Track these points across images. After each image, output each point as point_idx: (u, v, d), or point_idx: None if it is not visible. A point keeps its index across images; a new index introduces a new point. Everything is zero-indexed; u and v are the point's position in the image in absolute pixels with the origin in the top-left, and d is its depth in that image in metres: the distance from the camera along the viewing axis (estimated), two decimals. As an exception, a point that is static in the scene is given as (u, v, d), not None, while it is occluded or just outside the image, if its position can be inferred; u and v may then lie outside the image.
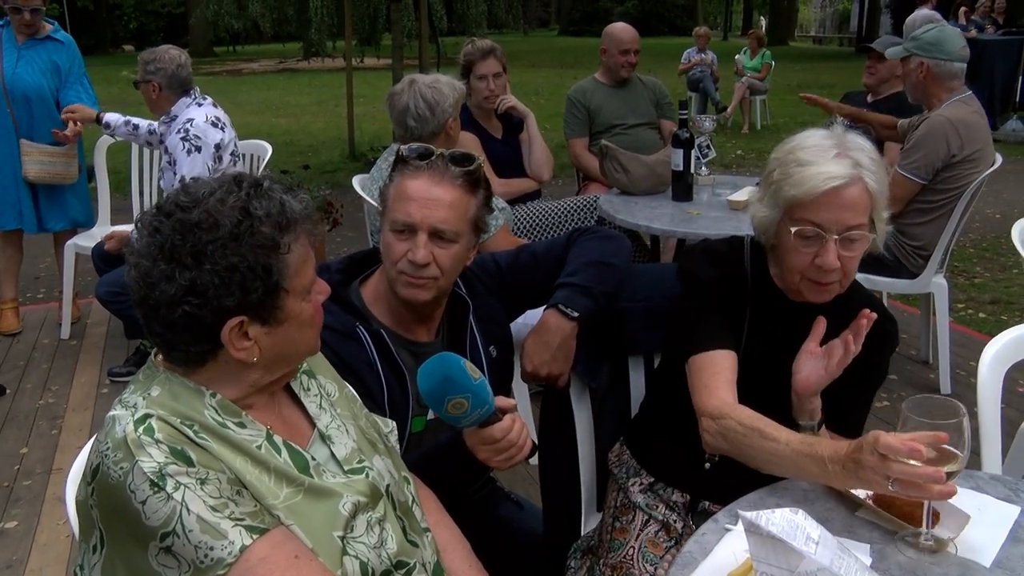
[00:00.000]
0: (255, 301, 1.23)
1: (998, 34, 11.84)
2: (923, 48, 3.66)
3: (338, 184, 8.01)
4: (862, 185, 1.66)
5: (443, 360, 1.49)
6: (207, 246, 1.19)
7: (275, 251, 1.24)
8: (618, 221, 3.51)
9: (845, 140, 1.71)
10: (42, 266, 5.98)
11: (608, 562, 1.85)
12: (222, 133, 3.86)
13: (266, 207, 1.24)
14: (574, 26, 41.01)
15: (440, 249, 1.76)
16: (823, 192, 1.66)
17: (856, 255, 1.70)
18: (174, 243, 1.20)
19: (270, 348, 1.28)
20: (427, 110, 3.10)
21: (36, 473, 3.43)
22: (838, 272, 1.70)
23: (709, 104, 12.60)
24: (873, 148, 1.72)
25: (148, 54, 3.93)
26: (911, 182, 3.61)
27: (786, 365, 1.71)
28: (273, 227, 1.24)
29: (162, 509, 1.13)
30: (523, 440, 1.60)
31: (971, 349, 4.37)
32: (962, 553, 1.39)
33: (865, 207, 1.67)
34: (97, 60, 19.19)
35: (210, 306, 1.20)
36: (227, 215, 1.21)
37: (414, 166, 1.78)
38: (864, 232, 1.68)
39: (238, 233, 1.21)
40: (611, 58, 4.69)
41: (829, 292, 1.74)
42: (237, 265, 1.20)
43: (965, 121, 3.59)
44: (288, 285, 1.26)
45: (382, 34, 15.79)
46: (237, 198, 1.23)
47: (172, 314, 1.20)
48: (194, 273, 1.19)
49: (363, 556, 1.30)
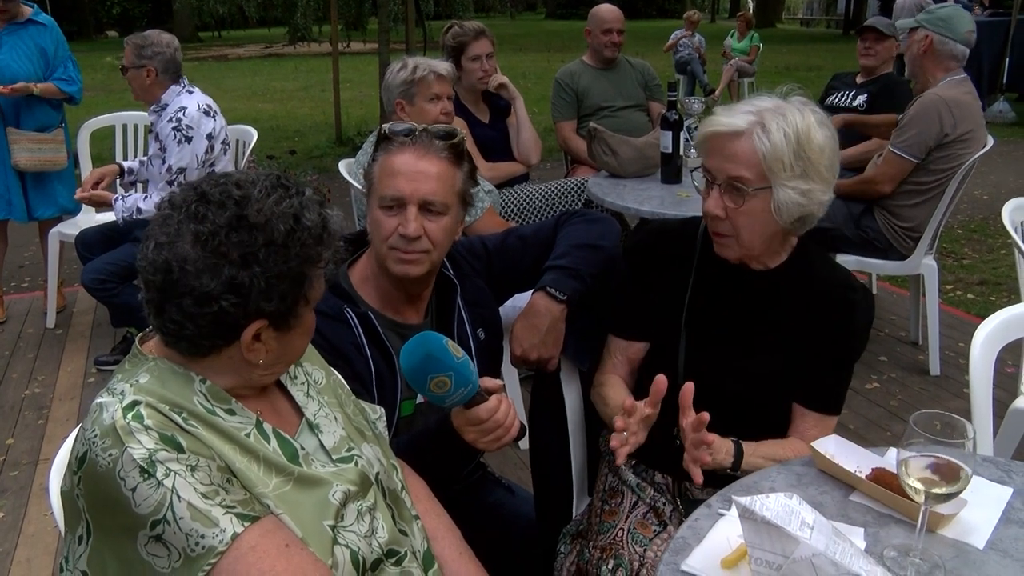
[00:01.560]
0: (284, 309, 1.23)
1: (985, 15, 11.83)
2: (932, 22, 3.64)
3: (325, 169, 7.97)
4: (748, 140, 1.67)
5: (425, 338, 1.48)
6: (260, 249, 1.18)
7: (316, 264, 1.24)
8: (607, 204, 3.49)
9: (774, 104, 1.70)
10: (26, 255, 5.92)
11: (598, 544, 1.84)
12: (214, 121, 3.82)
13: (313, 219, 1.23)
14: (561, 9, 40.87)
15: (430, 222, 1.75)
16: (706, 137, 1.73)
17: (742, 211, 1.70)
18: (228, 239, 1.17)
19: (275, 351, 1.28)
20: (383, 90, 3.27)
21: (23, 463, 3.40)
22: (727, 225, 1.73)
23: (697, 86, 12.57)
24: (805, 122, 1.67)
25: (139, 39, 3.83)
26: (904, 160, 3.61)
27: (730, 331, 1.81)
28: (316, 240, 1.24)
29: (152, 496, 1.11)
30: (510, 421, 1.59)
31: (960, 330, 4.39)
32: (956, 535, 1.38)
33: (749, 162, 1.67)
34: (81, 46, 18.99)
35: (247, 307, 1.19)
36: (281, 221, 1.20)
37: (399, 142, 1.77)
38: (745, 187, 1.68)
39: (289, 242, 1.20)
40: (595, 38, 4.68)
41: (727, 246, 1.77)
42: (285, 274, 1.20)
43: (958, 101, 3.58)
44: (310, 296, 1.27)
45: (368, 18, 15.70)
46: (290, 204, 1.22)
47: (201, 307, 1.17)
48: (239, 272, 1.17)
49: (354, 545, 1.29)
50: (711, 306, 1.85)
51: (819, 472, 1.56)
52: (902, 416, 3.59)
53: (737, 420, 1.82)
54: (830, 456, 1.54)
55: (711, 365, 1.81)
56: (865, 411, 3.65)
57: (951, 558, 1.34)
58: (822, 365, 1.78)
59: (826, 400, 1.80)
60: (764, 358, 1.80)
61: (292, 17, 16.32)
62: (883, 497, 1.46)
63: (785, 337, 1.79)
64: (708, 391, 1.80)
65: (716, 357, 1.82)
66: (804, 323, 1.78)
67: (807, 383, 1.78)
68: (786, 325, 1.80)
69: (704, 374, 1.80)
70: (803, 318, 1.78)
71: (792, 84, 1.78)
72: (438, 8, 13.96)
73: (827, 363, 1.78)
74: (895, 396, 3.79)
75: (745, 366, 1.80)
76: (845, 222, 3.81)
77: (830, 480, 1.53)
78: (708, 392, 1.80)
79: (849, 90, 4.54)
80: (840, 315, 1.77)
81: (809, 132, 1.67)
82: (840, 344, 1.78)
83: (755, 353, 1.81)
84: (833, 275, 1.83)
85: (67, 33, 5.03)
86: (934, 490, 1.27)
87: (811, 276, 1.81)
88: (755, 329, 1.82)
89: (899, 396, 3.79)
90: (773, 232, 1.74)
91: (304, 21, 18.30)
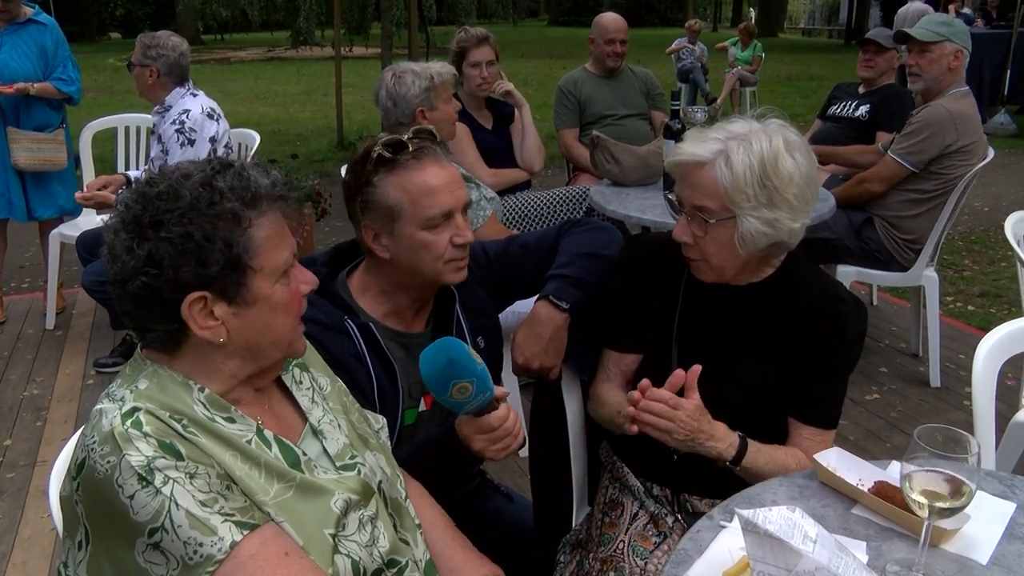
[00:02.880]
0: (215, 275, 1.20)
1: (987, 28, 11.86)
2: (959, 37, 3.66)
3: (326, 173, 7.96)
4: (710, 171, 1.67)
5: (446, 344, 1.48)
6: (164, 215, 1.19)
7: (236, 224, 1.22)
8: (608, 212, 3.48)
9: (744, 131, 1.68)
10: (27, 255, 5.92)
11: (598, 556, 1.84)
12: (217, 124, 3.81)
13: (230, 182, 1.23)
14: (564, 16, 40.93)
15: (464, 220, 1.78)
16: (673, 165, 1.75)
17: (708, 238, 1.71)
18: (135, 214, 1.20)
19: (239, 331, 1.25)
20: (389, 101, 3.14)
21: (20, 465, 3.39)
22: (696, 251, 1.74)
23: (699, 95, 12.59)
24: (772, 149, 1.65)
25: (149, 38, 3.84)
26: (900, 166, 3.63)
27: (721, 343, 1.81)
28: (237, 200, 1.22)
29: (150, 504, 1.11)
30: (518, 429, 1.59)
31: (960, 342, 4.38)
32: (958, 550, 1.37)
33: (712, 192, 1.67)
34: (83, 47, 19.05)
35: (166, 276, 1.18)
36: (189, 187, 1.21)
37: (404, 159, 1.71)
38: (709, 218, 1.68)
39: (198, 205, 1.20)
40: (598, 47, 4.68)
41: (699, 271, 1.79)
42: (192, 234, 1.18)
43: (964, 114, 3.59)
44: (255, 263, 1.23)
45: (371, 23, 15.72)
46: (203, 173, 1.23)
47: (134, 286, 1.19)
48: (152, 243, 1.18)
49: (355, 555, 1.28)
50: (700, 319, 1.84)
51: (821, 485, 1.55)
52: (902, 427, 3.58)
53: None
54: (832, 469, 1.53)
55: (702, 377, 1.78)
56: (865, 422, 3.65)
57: (954, 573, 1.33)
58: (814, 378, 1.76)
59: (820, 414, 1.79)
60: (753, 371, 1.78)
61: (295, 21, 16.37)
62: (886, 511, 1.45)
63: (773, 350, 1.77)
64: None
65: (707, 370, 1.77)
66: (793, 336, 1.76)
67: (800, 397, 1.77)
68: (774, 338, 1.77)
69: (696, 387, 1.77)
70: (791, 331, 1.76)
71: (768, 107, 1.77)
72: (441, 13, 13.99)
73: (819, 376, 1.76)
74: (895, 407, 3.78)
75: (735, 379, 1.78)
76: (846, 233, 3.82)
77: (832, 493, 1.53)
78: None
79: (852, 100, 4.54)
80: (830, 328, 1.74)
81: (776, 160, 1.64)
82: (831, 357, 1.76)
83: (744, 366, 1.79)
84: (822, 287, 1.80)
85: (70, 34, 5.03)
86: (938, 504, 1.26)
87: (799, 289, 1.78)
88: (744, 342, 1.80)
89: (899, 408, 3.78)
90: (746, 257, 1.72)
91: (307, 25, 18.35)
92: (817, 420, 1.78)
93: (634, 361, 1.93)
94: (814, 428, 1.78)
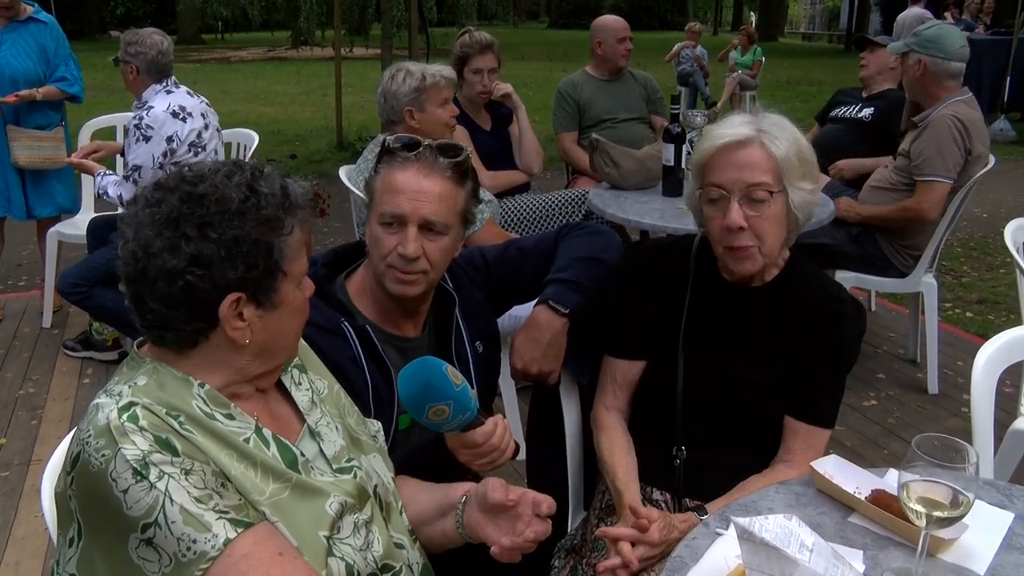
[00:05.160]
0: (255, 278, 1.23)
1: (987, 34, 11.87)
2: (922, 45, 3.63)
3: (325, 174, 7.95)
4: (759, 145, 1.71)
5: (424, 365, 1.46)
6: (214, 217, 1.19)
7: (278, 230, 1.25)
8: (607, 216, 3.48)
9: (760, 117, 1.76)
10: (24, 253, 5.90)
11: (591, 562, 1.83)
12: (183, 124, 3.76)
13: (270, 187, 1.25)
14: (564, 19, 40.97)
15: (430, 242, 1.73)
16: (717, 149, 1.73)
17: (764, 217, 1.72)
18: (181, 214, 1.19)
19: (261, 333, 1.26)
20: (382, 98, 3.19)
21: (14, 464, 3.38)
22: (750, 235, 1.73)
23: (699, 99, 12.59)
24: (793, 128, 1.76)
25: (131, 35, 3.85)
26: (944, 184, 3.56)
27: (728, 348, 1.82)
28: (277, 207, 1.25)
29: (144, 499, 1.10)
30: (506, 444, 1.56)
31: (958, 348, 4.38)
32: (956, 560, 1.37)
33: (765, 167, 1.70)
34: (83, 45, 18.97)
35: (212, 277, 1.19)
36: (234, 190, 1.22)
37: (401, 157, 1.74)
38: (767, 192, 1.71)
39: (244, 208, 1.21)
40: (608, 48, 4.64)
41: (749, 259, 1.76)
42: (242, 238, 1.20)
43: (970, 119, 3.56)
44: (287, 268, 1.26)
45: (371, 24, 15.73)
46: (242, 177, 1.24)
47: (172, 287, 1.19)
48: (199, 244, 1.19)
49: (349, 558, 1.28)
50: (707, 324, 1.85)
51: (818, 492, 1.54)
52: (899, 434, 3.58)
53: (734, 436, 1.82)
54: (829, 476, 1.53)
55: (709, 382, 1.81)
56: (862, 428, 3.64)
57: (951, 583, 1.32)
58: (813, 377, 1.78)
59: (817, 412, 1.79)
60: (761, 373, 1.80)
61: (295, 21, 16.40)
62: (883, 519, 1.44)
63: (780, 351, 1.80)
64: (705, 407, 1.81)
65: (713, 374, 1.82)
66: (796, 336, 1.79)
67: (799, 395, 1.78)
68: (780, 339, 1.80)
69: (701, 390, 1.81)
70: (795, 331, 1.79)
71: (765, 103, 1.86)
72: (441, 15, 14.00)
73: (818, 374, 1.78)
74: (892, 414, 3.77)
75: (742, 380, 1.80)
76: (845, 239, 3.81)
77: (829, 501, 1.52)
78: (706, 409, 1.81)
79: (855, 103, 4.53)
80: (830, 327, 1.78)
81: (800, 137, 1.75)
82: (830, 355, 1.78)
83: (752, 368, 1.81)
84: (823, 288, 1.84)
85: (70, 32, 5.03)
86: (935, 514, 1.25)
87: (803, 289, 1.82)
88: (751, 344, 1.82)
89: (896, 414, 3.77)
90: (785, 238, 1.78)
91: (307, 25, 18.38)
92: (814, 418, 1.79)
93: (640, 368, 1.93)
94: (810, 427, 1.78)
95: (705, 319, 1.85)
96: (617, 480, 1.82)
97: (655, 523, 1.64)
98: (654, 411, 1.88)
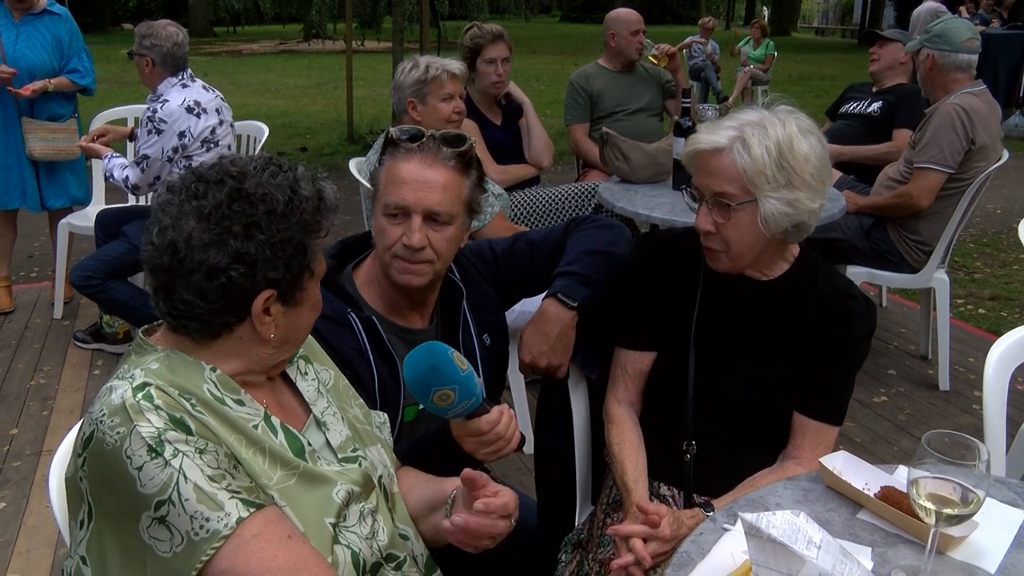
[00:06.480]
0: (290, 279, 1.24)
1: (1003, 28, 11.77)
2: (931, 40, 3.65)
3: (336, 167, 7.96)
4: (728, 156, 1.70)
5: (430, 349, 1.45)
6: (262, 218, 1.20)
7: (316, 233, 1.27)
8: (617, 209, 3.47)
9: (758, 119, 1.72)
10: (36, 244, 5.93)
11: (597, 557, 1.83)
12: (197, 120, 3.77)
13: (309, 190, 1.27)
14: (576, 12, 40.85)
15: (435, 232, 1.73)
16: (690, 156, 1.78)
17: (729, 224, 1.73)
18: (230, 210, 1.20)
19: (283, 327, 1.28)
20: (393, 90, 3.23)
21: (26, 454, 3.39)
22: (717, 239, 1.76)
23: (711, 93, 12.54)
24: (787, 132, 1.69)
25: (146, 27, 3.86)
26: (939, 173, 3.56)
27: (738, 339, 1.82)
28: (314, 210, 1.27)
29: (159, 476, 1.11)
30: (511, 433, 1.56)
31: (970, 345, 4.35)
32: (966, 558, 1.35)
33: (730, 177, 1.71)
34: (96, 38, 19.06)
35: (254, 277, 1.21)
36: (278, 191, 1.23)
37: (405, 148, 1.74)
38: (730, 202, 1.71)
39: (288, 211, 1.23)
40: (622, 40, 4.64)
41: (717, 260, 1.80)
42: (287, 241, 1.22)
43: (976, 109, 3.54)
44: (315, 268, 1.29)
45: (383, 17, 15.72)
46: (285, 178, 1.25)
47: (211, 281, 1.19)
48: (245, 242, 1.19)
49: (355, 546, 1.28)
50: (719, 317, 1.85)
51: (826, 489, 1.53)
52: (910, 430, 3.56)
53: (744, 432, 1.81)
54: (838, 472, 1.52)
55: (719, 375, 1.81)
56: (873, 425, 3.62)
57: (961, 581, 1.31)
58: (822, 372, 1.78)
59: (826, 408, 1.79)
60: (771, 368, 1.80)
61: (307, 14, 16.40)
62: (892, 516, 1.43)
63: (790, 346, 1.79)
64: (716, 401, 1.80)
65: (724, 367, 1.82)
66: (806, 332, 1.78)
67: (808, 391, 1.78)
68: (791, 334, 1.80)
69: (712, 384, 1.80)
70: (805, 327, 1.79)
71: (777, 95, 1.81)
72: (453, 8, 13.98)
73: (827, 370, 1.78)
74: (903, 410, 3.75)
75: (753, 376, 1.80)
76: (856, 234, 3.79)
77: (837, 497, 1.51)
78: (716, 402, 1.80)
79: (865, 98, 4.51)
80: (839, 323, 1.77)
81: (792, 142, 1.69)
82: (839, 353, 1.78)
83: (763, 363, 1.81)
84: (834, 284, 1.83)
85: (83, 25, 5.03)
86: (945, 511, 1.24)
87: (813, 285, 1.82)
88: (762, 339, 1.82)
89: (907, 410, 3.75)
90: (765, 243, 1.76)
91: (319, 18, 18.37)
92: (823, 414, 1.78)
93: (649, 360, 1.92)
94: (818, 423, 1.78)
95: (716, 312, 1.85)
96: (626, 477, 1.81)
97: (664, 519, 1.63)
98: (665, 405, 1.88)
